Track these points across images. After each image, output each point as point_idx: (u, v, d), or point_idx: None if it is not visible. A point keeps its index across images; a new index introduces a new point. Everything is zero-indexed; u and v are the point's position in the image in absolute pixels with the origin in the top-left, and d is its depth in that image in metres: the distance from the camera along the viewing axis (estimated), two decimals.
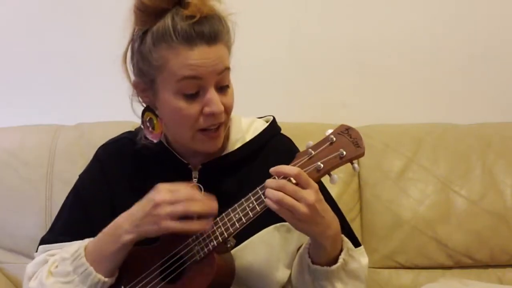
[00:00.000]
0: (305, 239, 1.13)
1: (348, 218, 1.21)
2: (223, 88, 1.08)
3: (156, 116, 1.12)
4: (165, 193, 1.00)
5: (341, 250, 1.05)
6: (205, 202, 1.00)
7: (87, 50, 1.87)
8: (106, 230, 1.06)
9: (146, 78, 1.09)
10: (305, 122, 1.70)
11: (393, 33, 1.85)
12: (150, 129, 1.13)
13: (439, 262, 1.57)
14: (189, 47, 1.02)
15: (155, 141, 1.13)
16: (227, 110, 1.09)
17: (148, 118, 1.13)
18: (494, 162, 1.60)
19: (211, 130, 1.08)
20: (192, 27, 1.02)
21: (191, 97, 1.05)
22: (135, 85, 1.12)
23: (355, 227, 1.59)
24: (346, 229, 1.14)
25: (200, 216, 1.00)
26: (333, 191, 1.17)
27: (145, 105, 1.14)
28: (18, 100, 1.90)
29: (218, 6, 1.07)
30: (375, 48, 1.86)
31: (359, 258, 1.11)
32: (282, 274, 1.15)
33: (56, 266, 1.08)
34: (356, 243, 1.15)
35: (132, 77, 1.13)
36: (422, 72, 1.87)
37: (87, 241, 1.09)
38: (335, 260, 1.04)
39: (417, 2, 1.85)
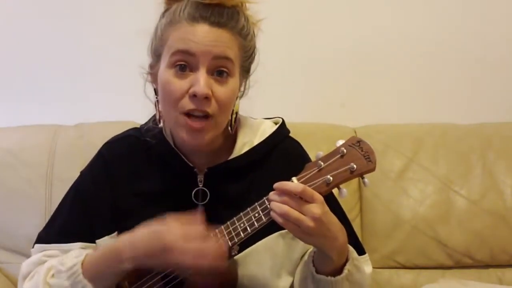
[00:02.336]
0: (309, 246, 1.11)
1: (348, 218, 1.20)
2: (221, 75, 1.04)
3: (157, 99, 1.11)
4: (176, 238, 0.94)
5: (346, 260, 1.03)
6: (214, 255, 0.95)
7: (87, 50, 1.87)
8: (105, 254, 1.03)
9: (155, 55, 1.09)
10: (305, 122, 1.70)
11: (393, 33, 1.85)
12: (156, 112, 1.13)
13: (439, 262, 1.57)
14: (190, 24, 1.03)
15: (158, 125, 1.13)
16: (220, 104, 1.04)
17: (154, 101, 1.12)
18: (494, 162, 1.60)
19: (194, 117, 1.03)
20: (198, 8, 1.03)
21: (181, 72, 1.03)
22: (150, 67, 1.12)
23: (355, 227, 1.58)
24: (352, 236, 1.12)
25: None
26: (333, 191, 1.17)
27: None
28: (18, 100, 1.90)
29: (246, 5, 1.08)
30: (375, 48, 1.86)
31: (364, 268, 1.09)
32: (284, 281, 1.14)
33: (52, 275, 1.06)
34: (361, 251, 1.14)
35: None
36: (422, 72, 1.87)
37: (83, 255, 1.06)
38: (340, 270, 1.02)
39: (417, 3, 1.85)
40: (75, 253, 1.08)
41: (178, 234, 0.95)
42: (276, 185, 0.95)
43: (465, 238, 1.55)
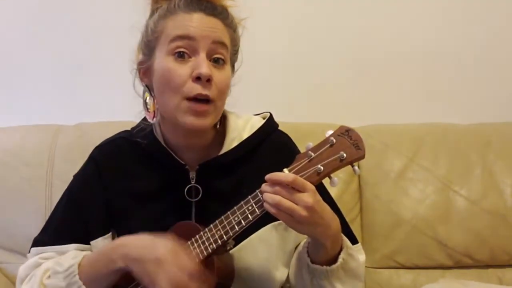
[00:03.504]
0: (302, 237, 1.12)
1: (348, 218, 1.20)
2: (218, 62, 1.07)
3: (151, 95, 1.12)
4: (170, 264, 0.95)
5: (340, 249, 1.04)
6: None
7: (87, 50, 1.87)
8: (101, 252, 1.05)
9: (148, 50, 1.11)
10: (305, 122, 1.70)
11: (393, 33, 1.85)
12: (147, 108, 1.13)
13: (439, 262, 1.57)
14: (187, 12, 1.07)
15: (150, 121, 1.14)
16: (219, 89, 1.07)
17: (146, 98, 1.13)
18: (494, 162, 1.60)
19: (197, 101, 1.05)
20: (192, 1, 1.08)
21: (182, 58, 1.06)
22: (140, 63, 1.14)
23: (355, 227, 1.59)
24: (344, 226, 1.12)
25: None
26: (333, 191, 1.17)
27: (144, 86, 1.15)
28: (18, 100, 1.90)
29: (231, 4, 1.12)
30: (375, 48, 1.86)
31: (358, 256, 1.10)
32: (281, 273, 1.15)
33: (49, 276, 1.07)
34: (353, 240, 1.15)
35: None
36: (422, 72, 1.87)
37: (81, 256, 1.08)
38: (334, 259, 1.04)
39: (417, 3, 1.85)
40: (73, 254, 1.09)
41: (173, 261, 0.95)
42: (267, 176, 0.96)
43: (465, 238, 1.55)
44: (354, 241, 1.15)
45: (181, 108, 1.06)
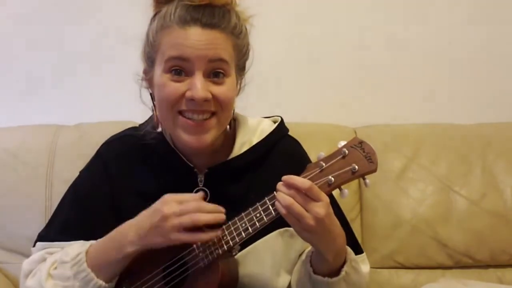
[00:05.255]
0: (307, 245, 1.11)
1: (348, 218, 1.20)
2: (218, 76, 1.03)
3: (154, 105, 1.11)
4: (173, 205, 0.97)
5: (344, 261, 1.03)
6: (213, 212, 0.98)
7: (87, 50, 1.87)
8: (110, 236, 1.05)
9: (149, 61, 1.09)
10: (305, 122, 1.70)
11: (393, 33, 1.85)
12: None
13: (439, 262, 1.57)
14: (182, 28, 1.01)
15: (157, 129, 1.13)
16: (221, 103, 1.04)
17: (151, 106, 1.13)
18: (494, 162, 1.60)
19: (195, 120, 1.03)
20: (188, 10, 1.02)
21: (177, 76, 1.02)
22: (144, 72, 1.12)
23: (355, 227, 1.59)
24: (350, 236, 1.12)
25: (208, 226, 0.98)
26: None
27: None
28: (18, 100, 1.90)
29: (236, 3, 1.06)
30: (375, 48, 1.86)
31: (361, 268, 1.10)
32: (283, 280, 1.14)
33: (56, 268, 1.07)
34: (358, 250, 1.15)
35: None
36: (422, 72, 1.87)
37: (88, 244, 1.08)
38: (337, 271, 1.03)
39: (417, 3, 1.85)
40: (79, 244, 1.09)
41: (173, 202, 0.98)
42: (285, 177, 0.95)
43: (465, 238, 1.55)
44: (359, 250, 1.15)
45: (178, 124, 1.05)
